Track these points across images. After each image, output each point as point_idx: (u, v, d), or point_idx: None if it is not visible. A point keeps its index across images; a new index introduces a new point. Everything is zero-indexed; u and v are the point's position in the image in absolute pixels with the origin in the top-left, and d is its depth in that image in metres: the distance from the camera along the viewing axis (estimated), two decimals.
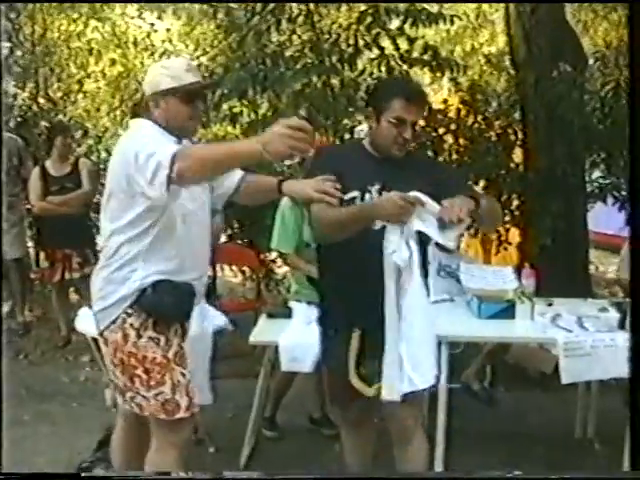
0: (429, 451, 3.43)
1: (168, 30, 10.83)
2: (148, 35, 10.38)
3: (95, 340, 4.33)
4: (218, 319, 4.47)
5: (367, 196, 3.10)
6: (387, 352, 3.03)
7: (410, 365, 3.05)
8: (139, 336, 3.05)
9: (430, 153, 5.89)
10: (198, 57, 8.86)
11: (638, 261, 2.71)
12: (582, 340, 3.86)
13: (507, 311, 4.20)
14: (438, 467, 3.77)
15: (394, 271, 2.97)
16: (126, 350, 3.06)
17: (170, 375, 3.07)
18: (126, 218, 2.98)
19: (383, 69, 5.99)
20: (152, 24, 10.44)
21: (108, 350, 3.13)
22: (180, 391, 3.09)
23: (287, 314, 4.31)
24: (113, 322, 3.07)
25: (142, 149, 2.81)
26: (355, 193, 3.10)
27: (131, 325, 3.05)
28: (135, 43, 10.36)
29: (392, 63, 5.96)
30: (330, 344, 3.31)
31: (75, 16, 10.10)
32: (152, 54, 9.72)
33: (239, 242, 6.75)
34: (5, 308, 7.16)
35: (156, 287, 3.02)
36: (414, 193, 2.87)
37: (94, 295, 3.15)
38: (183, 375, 3.11)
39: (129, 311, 3.04)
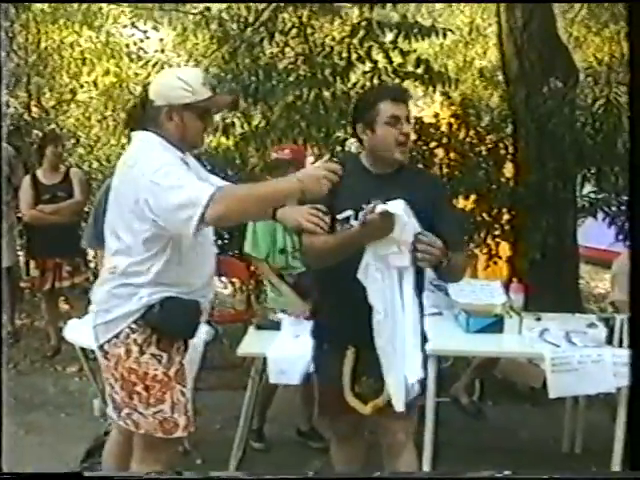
0: (417, 465, 3.43)
1: (161, 40, 10.89)
2: (141, 45, 10.42)
3: (84, 350, 4.38)
4: (204, 332, 4.50)
5: (360, 212, 3.00)
6: (387, 366, 3.03)
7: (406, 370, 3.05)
8: (142, 352, 3.02)
9: (420, 166, 5.92)
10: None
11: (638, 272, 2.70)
12: (570, 355, 3.88)
13: (495, 325, 4.22)
14: None
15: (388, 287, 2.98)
16: (127, 365, 3.03)
17: (170, 393, 3.05)
18: (132, 241, 2.93)
19: (375, 82, 6.02)
20: (145, 32, 10.48)
21: (108, 364, 3.08)
22: (179, 410, 3.07)
23: (276, 326, 4.32)
24: (116, 336, 3.03)
25: (163, 176, 2.77)
26: (349, 212, 3.05)
27: (135, 341, 3.01)
28: (128, 53, 10.39)
29: (384, 76, 6.01)
30: (323, 359, 3.30)
31: (68, 25, 10.12)
32: (145, 64, 9.72)
33: (229, 253, 6.74)
34: None
35: (164, 304, 2.98)
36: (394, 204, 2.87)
37: (95, 307, 3.12)
38: (183, 394, 3.09)
39: (133, 326, 3.01)
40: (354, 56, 6.08)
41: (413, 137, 6.07)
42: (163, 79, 3.12)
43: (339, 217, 3.05)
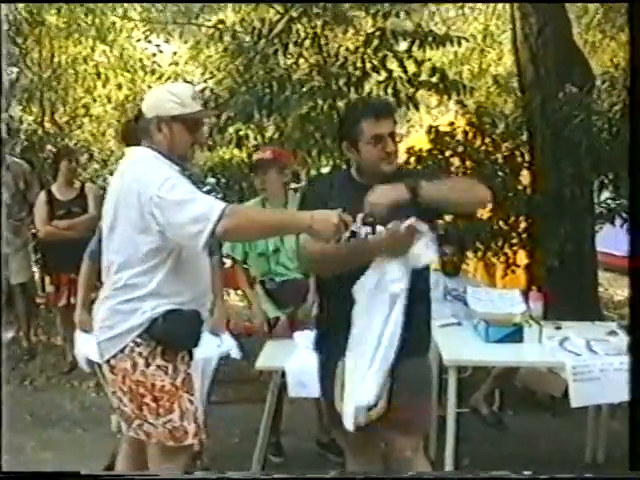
0: None
1: (175, 53, 10.96)
2: (155, 59, 10.48)
3: (100, 366, 4.39)
4: (225, 343, 4.51)
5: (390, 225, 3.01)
6: (348, 382, 3.06)
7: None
8: (147, 365, 3.05)
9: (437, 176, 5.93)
10: (205, 80, 8.89)
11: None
12: (591, 364, 3.86)
13: (515, 335, 4.20)
14: None
15: (386, 304, 2.98)
16: (134, 378, 3.07)
17: (178, 403, 3.09)
18: (134, 254, 2.99)
19: (390, 92, 6.07)
20: (159, 45, 10.55)
21: (115, 378, 3.13)
22: (188, 418, 3.10)
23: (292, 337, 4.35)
24: (121, 351, 3.06)
25: (168, 190, 2.84)
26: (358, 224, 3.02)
27: (140, 354, 3.06)
28: (142, 67, 10.45)
29: (399, 86, 6.04)
30: (321, 370, 3.31)
31: (82, 40, 10.20)
32: (159, 77, 9.79)
33: (244, 266, 6.75)
34: (10, 333, 7.17)
35: (167, 316, 3.04)
36: (409, 222, 2.87)
37: (98, 324, 3.16)
38: (191, 402, 3.13)
39: (138, 340, 3.05)
40: (368, 66, 6.12)
41: (428, 146, 6.22)
42: (154, 93, 3.25)
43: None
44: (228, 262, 5.01)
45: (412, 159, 6.12)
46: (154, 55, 10.59)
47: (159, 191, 2.84)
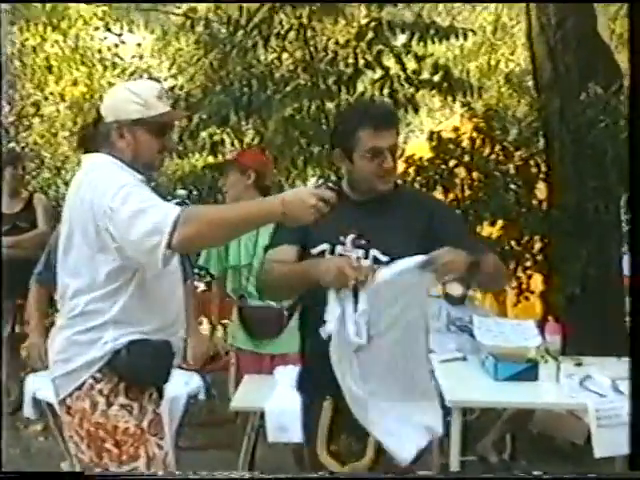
0: None
1: (139, 45, 10.94)
2: (116, 51, 10.47)
3: (51, 406, 4.37)
4: (193, 381, 4.51)
5: (339, 248, 3.04)
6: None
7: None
8: (109, 404, 3.02)
9: (440, 189, 5.98)
10: (174, 77, 8.94)
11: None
12: (618, 406, 3.85)
13: (529, 372, 4.22)
14: None
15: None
16: (94, 420, 3.02)
17: (145, 448, 3.04)
18: (93, 276, 2.96)
19: (386, 92, 6.11)
20: (120, 35, 10.51)
21: (72, 420, 3.08)
22: (156, 465, 3.06)
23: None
24: (78, 388, 3.03)
25: (122, 201, 2.79)
26: (324, 246, 3.06)
27: (100, 391, 3.01)
28: (101, 60, 10.43)
29: (396, 85, 6.09)
30: (304, 412, 3.29)
31: (30, 27, 10.09)
32: (121, 73, 9.79)
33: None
34: None
35: (131, 348, 2.99)
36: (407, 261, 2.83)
37: (53, 358, 3.13)
38: (159, 447, 3.09)
39: (98, 376, 3.01)
40: (361, 62, 6.16)
41: (429, 155, 6.24)
42: (114, 92, 3.22)
43: (314, 251, 3.06)
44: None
45: (411, 169, 6.17)
46: (115, 46, 10.60)
47: (112, 202, 2.79)
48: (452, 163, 6.25)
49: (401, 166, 5.94)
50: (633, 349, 2.81)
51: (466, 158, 6.29)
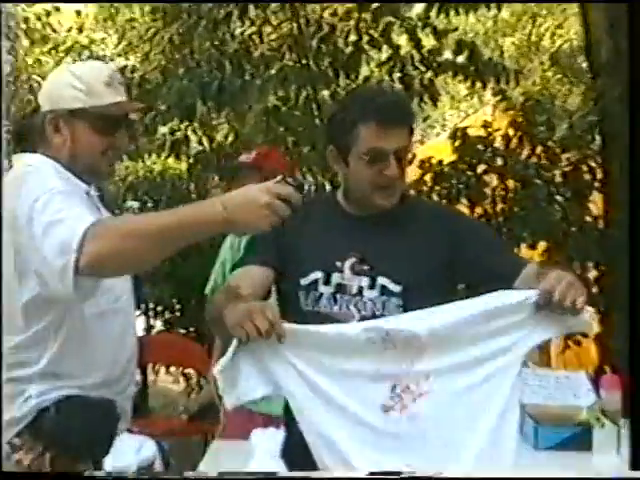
0: None
1: (78, 14, 10.89)
2: (48, 20, 10.43)
3: None
4: (146, 448, 4.49)
5: (335, 276, 2.99)
6: None
7: None
8: None
9: (465, 202, 6.01)
10: (124, 55, 8.92)
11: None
12: None
13: (579, 439, 4.17)
14: None
15: None
16: None
17: None
18: (14, 312, 2.92)
19: (396, 76, 6.12)
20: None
21: None
22: None
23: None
24: None
25: (40, 210, 2.74)
26: (316, 274, 3.00)
27: (18, 462, 2.97)
28: (28, 31, 10.40)
29: (409, 68, 6.08)
30: None
31: None
32: (53, 49, 9.75)
33: (181, 331, 6.77)
34: None
35: (61, 407, 2.96)
36: None
37: None
38: None
39: (17, 442, 2.98)
40: (365, 39, 6.17)
41: (452, 158, 6.21)
42: (54, 75, 3.23)
43: (303, 282, 3.01)
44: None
45: (428, 177, 6.13)
46: (47, 14, 10.54)
47: (32, 210, 2.75)
48: (481, 168, 6.21)
49: (415, 172, 5.96)
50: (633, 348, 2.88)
51: (499, 162, 6.26)
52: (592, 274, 6.32)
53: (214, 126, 6.67)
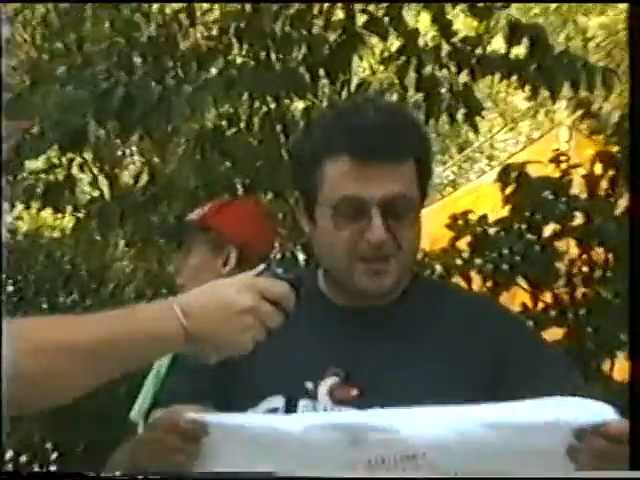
0: None
1: None
2: None
3: None
4: None
5: (303, 404, 2.79)
6: None
7: None
8: None
9: (523, 284, 5.71)
10: None
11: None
12: None
13: None
14: None
15: None
16: None
17: None
18: None
19: (411, 80, 5.85)
20: None
21: None
22: None
23: None
24: None
25: None
26: (274, 402, 2.80)
27: None
28: None
29: (429, 66, 5.79)
30: None
31: None
32: None
33: None
34: None
35: None
36: None
37: None
38: None
39: None
40: (361, 19, 5.94)
41: (502, 212, 5.91)
42: None
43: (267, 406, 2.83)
44: None
45: (462, 243, 5.84)
46: None
47: None
48: (550, 230, 5.92)
49: (441, 234, 5.73)
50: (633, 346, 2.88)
51: (579, 219, 5.93)
52: None
53: (117, 159, 6.27)
